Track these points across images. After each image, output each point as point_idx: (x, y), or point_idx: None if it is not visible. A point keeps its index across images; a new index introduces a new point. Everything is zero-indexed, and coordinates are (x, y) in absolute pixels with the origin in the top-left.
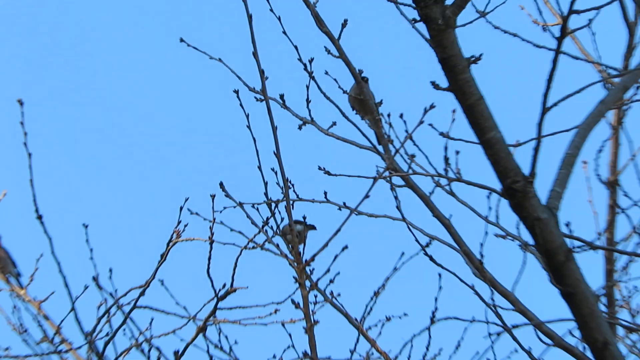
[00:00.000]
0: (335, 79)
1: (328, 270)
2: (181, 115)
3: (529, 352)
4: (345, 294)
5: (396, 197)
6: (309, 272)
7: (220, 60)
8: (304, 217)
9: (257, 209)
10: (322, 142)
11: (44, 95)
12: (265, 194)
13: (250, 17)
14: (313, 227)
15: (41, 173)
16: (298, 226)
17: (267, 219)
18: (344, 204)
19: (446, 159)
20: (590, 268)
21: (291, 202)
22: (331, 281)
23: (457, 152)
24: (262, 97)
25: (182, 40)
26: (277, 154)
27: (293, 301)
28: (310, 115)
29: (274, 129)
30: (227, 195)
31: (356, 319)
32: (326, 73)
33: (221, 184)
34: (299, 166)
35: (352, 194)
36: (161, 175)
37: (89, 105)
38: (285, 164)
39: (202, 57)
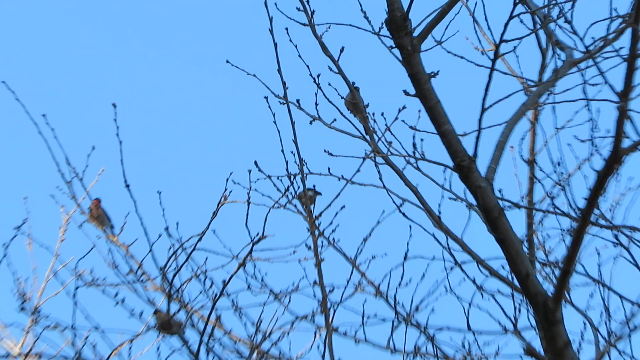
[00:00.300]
0: (335, 89)
1: (331, 223)
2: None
3: (474, 281)
4: (343, 240)
5: (379, 172)
6: (317, 225)
7: (255, 75)
8: (314, 186)
9: (281, 180)
10: (326, 133)
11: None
12: (287, 169)
13: (275, 45)
14: (319, 193)
15: (127, 152)
16: (310, 192)
17: (288, 187)
18: (342, 176)
19: (414, 145)
20: (516, 221)
21: (305, 175)
22: (333, 231)
23: (422, 140)
24: (284, 102)
25: (227, 61)
26: (295, 141)
27: (306, 245)
28: (317, 114)
29: (292, 123)
30: (260, 170)
31: (350, 257)
32: (329, 84)
33: (255, 162)
34: (310, 150)
35: (348, 170)
36: (215, 157)
37: (169, 105)
38: (300, 148)
39: (240, 73)
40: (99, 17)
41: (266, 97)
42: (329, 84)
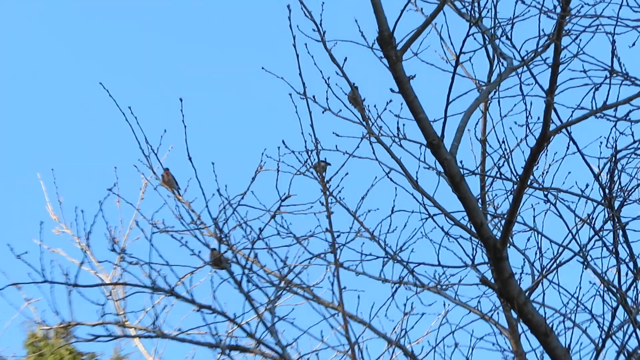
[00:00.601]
0: (341, 87)
1: (337, 186)
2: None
3: (442, 229)
4: (347, 198)
5: (372, 148)
6: (328, 187)
7: (282, 78)
8: (325, 159)
9: (301, 154)
10: (334, 119)
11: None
12: (305, 146)
13: (297, 55)
14: (329, 164)
15: (190, 133)
16: (322, 163)
17: (306, 159)
18: (346, 151)
19: (398, 128)
20: (473, 185)
21: (319, 150)
22: (339, 192)
23: (404, 125)
24: (304, 97)
25: (263, 68)
26: (312, 126)
27: (320, 202)
28: (328, 105)
29: (310, 113)
30: (286, 147)
31: (352, 211)
32: (336, 84)
33: (283, 141)
34: (323, 132)
35: (350, 147)
36: (254, 137)
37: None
38: (315, 131)
39: (272, 76)
40: (168, 21)
41: (290, 94)
42: (336, 84)
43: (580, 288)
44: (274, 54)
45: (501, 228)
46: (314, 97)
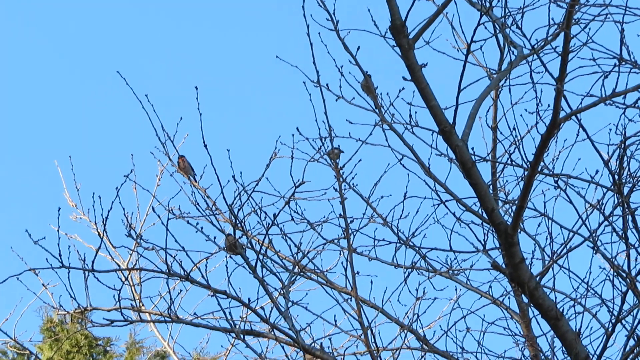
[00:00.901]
0: (354, 75)
1: (351, 172)
2: (278, 96)
3: (454, 214)
4: (360, 184)
5: (385, 136)
6: (341, 174)
7: (296, 67)
8: (339, 146)
9: (315, 141)
10: (348, 107)
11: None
12: (319, 133)
13: (311, 44)
14: (342, 151)
15: (205, 121)
16: (336, 150)
17: (320, 146)
18: (359, 138)
19: (410, 116)
20: (484, 171)
21: (332, 137)
22: (353, 178)
23: (416, 112)
24: (317, 85)
25: (277, 57)
26: (325, 113)
27: (334, 188)
28: (341, 93)
29: (324, 101)
30: (300, 134)
31: (365, 197)
32: (349, 72)
33: (297, 128)
34: (337, 119)
35: (363, 134)
36: (269, 125)
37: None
38: (329, 118)
39: (286, 65)
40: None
41: (304, 83)
42: (349, 72)
43: (590, 273)
44: (288, 43)
45: (512, 214)
46: (327, 85)
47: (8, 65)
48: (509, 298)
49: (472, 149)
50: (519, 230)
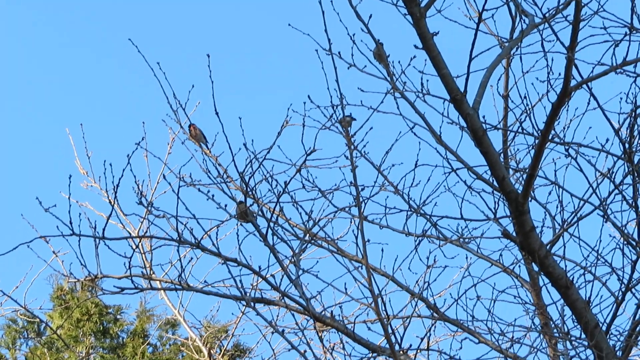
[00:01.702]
0: (366, 44)
1: (362, 140)
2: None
3: (465, 182)
4: (371, 152)
5: (397, 103)
6: (353, 141)
7: (309, 35)
8: (350, 114)
9: (327, 109)
10: (359, 75)
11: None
12: (331, 101)
13: (323, 12)
14: (354, 119)
15: (217, 89)
16: (347, 118)
17: (332, 115)
18: (370, 106)
19: (422, 84)
20: (495, 139)
21: (344, 105)
22: (364, 146)
23: (427, 80)
24: (329, 53)
25: (289, 24)
26: (337, 81)
27: (345, 156)
28: (353, 62)
29: (335, 69)
30: (312, 102)
31: (377, 165)
32: (361, 41)
33: (309, 96)
34: (348, 88)
35: (374, 102)
36: (280, 93)
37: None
38: (341, 86)
39: (298, 33)
40: None
41: (316, 50)
42: (361, 41)
43: (600, 241)
44: (301, 11)
45: (523, 182)
46: (339, 53)
47: (19, 33)
48: (519, 266)
49: (483, 117)
50: (529, 199)
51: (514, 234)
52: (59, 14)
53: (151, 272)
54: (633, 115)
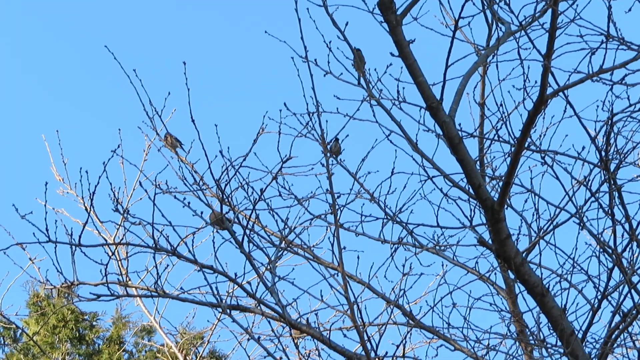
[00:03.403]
0: (342, 51)
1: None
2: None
3: (441, 190)
4: (347, 160)
5: (373, 111)
6: (329, 148)
7: (285, 42)
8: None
9: (303, 116)
10: (335, 83)
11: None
12: (307, 109)
13: (299, 20)
14: (340, 145)
15: (193, 96)
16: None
17: (307, 121)
18: (346, 114)
19: (398, 92)
20: (471, 147)
21: (320, 113)
22: (340, 153)
23: (403, 88)
24: (305, 60)
25: (266, 32)
26: (313, 89)
27: (321, 163)
28: (329, 68)
29: (311, 76)
30: (288, 109)
31: (352, 173)
32: (337, 48)
33: (285, 104)
34: (324, 95)
35: (350, 109)
36: (256, 100)
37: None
38: (317, 94)
39: (274, 40)
40: None
41: (292, 58)
42: (337, 48)
43: (576, 249)
44: (277, 18)
45: (499, 189)
46: (315, 60)
47: None
48: (495, 274)
49: (460, 125)
50: (505, 206)
51: (490, 241)
52: (33, 20)
53: (127, 279)
54: (609, 123)
